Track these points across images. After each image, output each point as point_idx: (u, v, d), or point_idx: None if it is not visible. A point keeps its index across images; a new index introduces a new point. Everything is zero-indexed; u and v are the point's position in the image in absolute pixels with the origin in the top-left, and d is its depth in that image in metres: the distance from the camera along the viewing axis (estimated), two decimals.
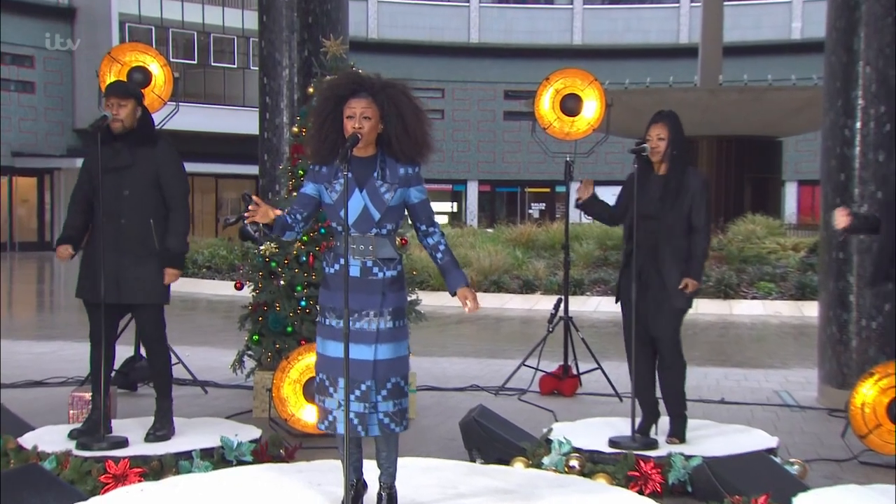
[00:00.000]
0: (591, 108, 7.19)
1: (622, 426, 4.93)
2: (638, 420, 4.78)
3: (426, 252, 3.74)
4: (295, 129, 5.87)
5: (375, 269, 3.58)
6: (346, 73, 3.83)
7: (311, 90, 5.80)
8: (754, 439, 4.85)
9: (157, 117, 5.81)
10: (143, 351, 6.73)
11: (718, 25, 21.08)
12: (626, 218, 4.85)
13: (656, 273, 4.71)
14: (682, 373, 4.83)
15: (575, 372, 6.91)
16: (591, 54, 35.59)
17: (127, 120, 4.72)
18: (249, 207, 3.48)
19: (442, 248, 3.67)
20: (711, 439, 4.85)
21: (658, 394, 4.90)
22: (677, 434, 4.80)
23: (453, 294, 3.64)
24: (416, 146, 3.59)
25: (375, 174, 3.56)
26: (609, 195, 5.15)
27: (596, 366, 6.88)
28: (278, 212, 3.55)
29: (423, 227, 3.69)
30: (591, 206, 4.97)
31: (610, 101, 7.29)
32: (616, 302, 4.90)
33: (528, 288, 14.12)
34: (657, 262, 4.71)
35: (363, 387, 3.49)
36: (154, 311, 4.82)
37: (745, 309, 12.96)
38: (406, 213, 3.71)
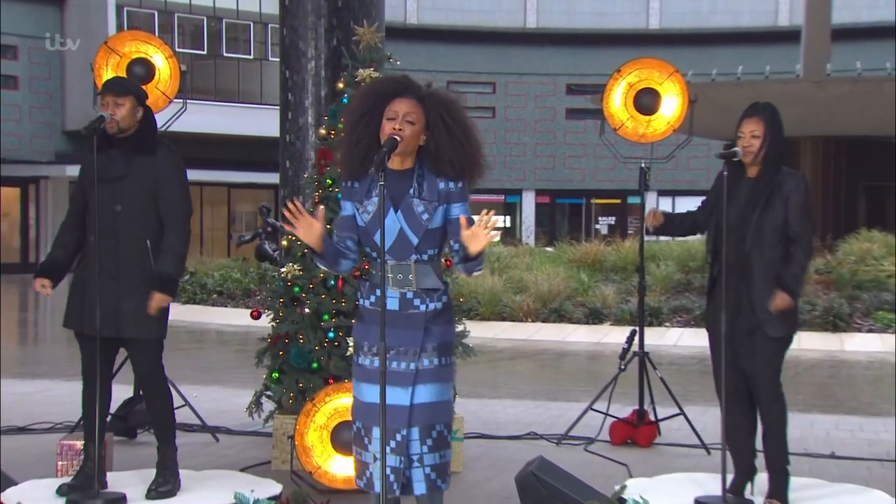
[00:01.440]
0: (671, 105, 7.18)
1: (710, 484, 4.88)
2: (730, 477, 4.74)
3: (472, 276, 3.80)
4: (322, 132, 5.94)
5: (417, 301, 3.63)
6: (394, 75, 3.92)
7: (340, 85, 5.86)
8: (872, 502, 4.77)
9: (161, 117, 5.91)
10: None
11: (826, 4, 20.89)
12: (710, 225, 4.86)
13: (746, 295, 4.69)
14: (783, 418, 4.78)
15: (652, 418, 6.87)
16: (670, 40, 35.53)
17: (124, 121, 4.79)
18: (287, 213, 3.53)
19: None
20: (820, 501, 4.79)
21: (757, 445, 4.85)
22: (778, 494, 4.75)
23: (471, 254, 3.52)
24: (464, 162, 3.65)
25: (411, 190, 3.63)
26: (692, 207, 5.15)
27: (678, 411, 6.83)
28: (318, 224, 3.57)
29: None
30: (667, 227, 5.02)
31: (693, 96, 7.27)
32: (709, 332, 4.87)
33: (595, 317, 14.07)
34: (746, 282, 4.69)
35: (398, 437, 3.51)
36: (148, 347, 4.87)
37: (860, 344, 12.78)
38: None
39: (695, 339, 12.71)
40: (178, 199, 4.85)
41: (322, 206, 3.64)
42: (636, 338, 6.96)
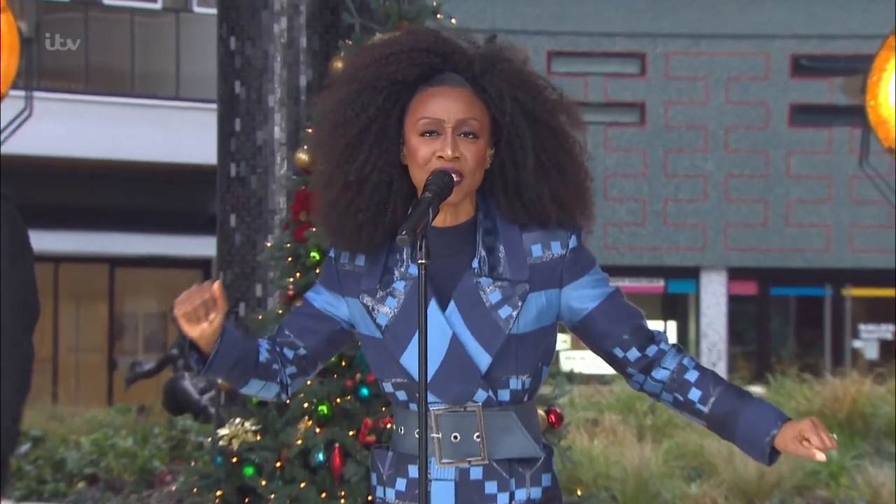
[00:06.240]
0: None
1: None
2: None
3: (641, 399, 3.80)
4: (303, 156, 6.01)
5: (491, 487, 3.70)
6: (414, 29, 3.97)
7: (338, 64, 5.95)
8: None
9: None
10: None
11: None
12: None
13: None
14: None
15: None
16: None
17: None
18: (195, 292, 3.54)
19: (691, 367, 3.74)
20: None
21: None
22: None
23: (768, 455, 3.67)
24: (573, 196, 3.74)
25: (475, 263, 3.69)
26: None
27: None
28: (219, 300, 3.57)
29: (635, 354, 3.75)
30: None
31: None
32: None
33: None
34: None
35: None
36: None
37: None
38: (578, 336, 3.81)
39: None
40: (6, 291, 4.91)
41: (217, 281, 3.60)
42: None
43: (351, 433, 5.76)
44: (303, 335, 3.76)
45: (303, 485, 5.82)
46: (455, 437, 3.65)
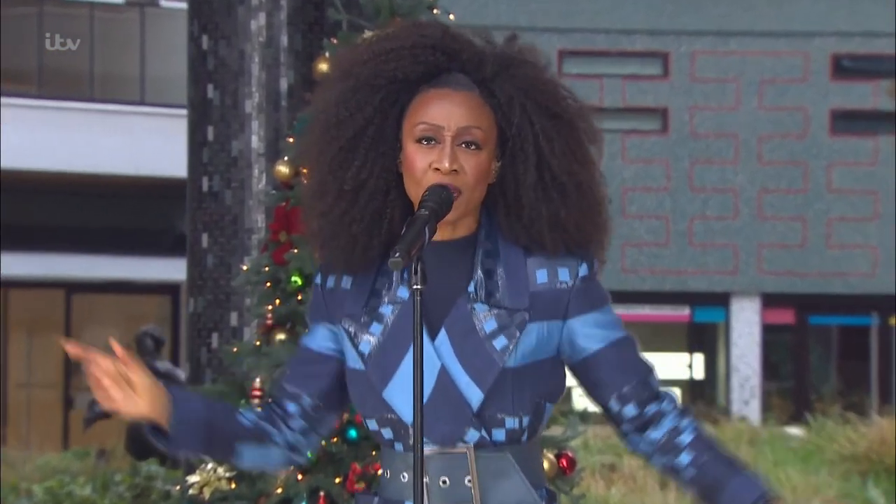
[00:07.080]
0: None
1: None
2: None
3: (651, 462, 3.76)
4: (283, 169, 6.03)
5: None
6: (420, 23, 3.95)
7: (322, 66, 5.97)
8: None
9: None
10: None
11: None
12: None
13: None
14: None
15: None
16: None
17: None
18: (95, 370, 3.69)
19: (688, 430, 3.70)
20: None
21: None
22: None
23: None
24: (589, 221, 3.73)
25: (471, 287, 3.68)
26: None
27: None
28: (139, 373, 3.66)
29: (632, 411, 3.73)
30: None
31: None
32: None
33: None
34: None
35: None
36: None
37: None
38: (576, 379, 3.79)
39: None
40: None
41: (116, 347, 3.61)
42: None
43: (337, 480, 5.75)
44: (305, 383, 3.75)
45: None
46: (444, 482, 3.64)
